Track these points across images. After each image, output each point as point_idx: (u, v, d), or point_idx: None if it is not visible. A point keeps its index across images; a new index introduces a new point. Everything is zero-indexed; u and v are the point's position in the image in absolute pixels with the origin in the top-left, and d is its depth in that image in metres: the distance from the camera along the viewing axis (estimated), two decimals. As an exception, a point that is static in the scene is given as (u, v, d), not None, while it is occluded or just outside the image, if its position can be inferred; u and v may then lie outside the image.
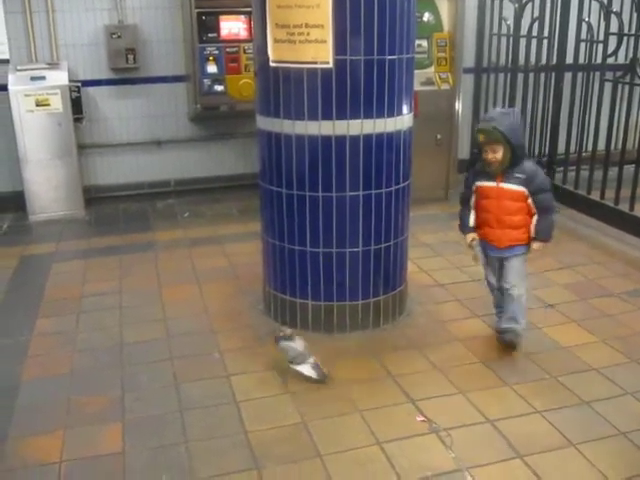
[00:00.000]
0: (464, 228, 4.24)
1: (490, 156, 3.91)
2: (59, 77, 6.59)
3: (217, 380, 3.95)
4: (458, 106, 7.11)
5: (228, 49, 6.82)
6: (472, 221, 4.19)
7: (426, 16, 6.93)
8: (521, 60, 7.26)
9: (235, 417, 3.60)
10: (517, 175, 3.97)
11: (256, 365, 4.09)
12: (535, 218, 4.04)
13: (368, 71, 3.97)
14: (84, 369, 4.11)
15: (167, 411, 3.66)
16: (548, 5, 6.77)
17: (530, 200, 4.00)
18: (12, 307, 4.96)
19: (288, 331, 4.01)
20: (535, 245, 4.08)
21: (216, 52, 6.79)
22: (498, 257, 4.20)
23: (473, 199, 4.16)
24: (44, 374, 4.07)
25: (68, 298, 5.05)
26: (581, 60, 6.61)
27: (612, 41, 6.15)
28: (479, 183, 4.10)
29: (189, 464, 3.24)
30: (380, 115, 4.08)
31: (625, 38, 6.32)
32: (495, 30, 7.64)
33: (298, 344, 3.96)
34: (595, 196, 6.24)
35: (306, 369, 3.91)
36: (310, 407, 3.66)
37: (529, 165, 4.04)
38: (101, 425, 3.56)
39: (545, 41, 6.91)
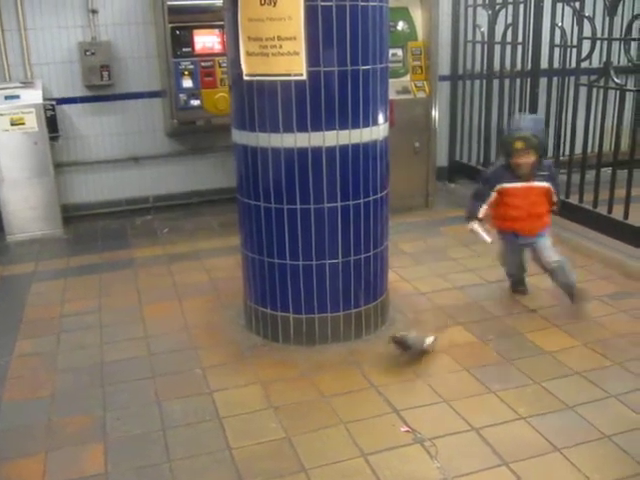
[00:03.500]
0: (471, 217, 4.76)
1: (523, 160, 4.53)
2: (33, 96, 6.54)
3: (200, 397, 3.92)
4: (435, 114, 7.13)
5: (203, 63, 6.79)
6: (482, 213, 4.73)
7: (400, 25, 6.94)
8: (496, 66, 7.30)
9: (219, 434, 3.57)
10: (541, 173, 4.64)
11: (239, 380, 4.07)
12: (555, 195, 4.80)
13: (342, 82, 3.97)
14: (65, 389, 4.07)
15: (150, 430, 3.62)
16: (521, 11, 6.80)
17: (554, 188, 4.76)
18: (-9, 329, 4.91)
19: (399, 334, 4.22)
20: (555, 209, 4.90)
21: (191, 67, 6.76)
22: (528, 243, 4.82)
23: (493, 197, 4.72)
24: (25, 396, 4.02)
25: (48, 318, 5.00)
26: (555, 65, 6.65)
27: (586, 45, 6.18)
28: (505, 185, 4.67)
29: (173, 483, 3.21)
30: (355, 125, 4.08)
31: (598, 42, 6.35)
32: (470, 37, 7.68)
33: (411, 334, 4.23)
34: (573, 200, 6.25)
35: (431, 339, 4.28)
36: (294, 421, 3.64)
37: (547, 163, 4.85)
38: (83, 446, 3.52)
39: (519, 47, 6.94)
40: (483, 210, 4.73)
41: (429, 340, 4.24)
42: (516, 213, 4.69)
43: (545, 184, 4.68)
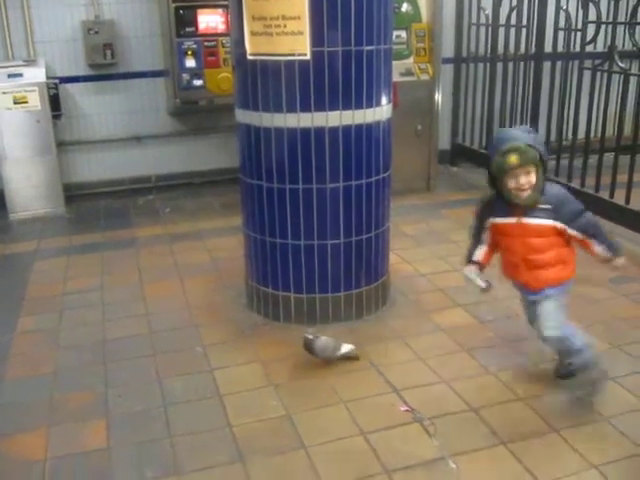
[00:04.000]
0: (466, 260, 3.67)
1: (524, 181, 3.25)
2: (36, 74, 6.55)
3: (200, 374, 3.95)
4: (438, 97, 7.12)
5: (206, 43, 6.79)
6: (479, 255, 3.61)
7: (404, 7, 6.92)
8: (500, 49, 7.28)
9: (219, 411, 3.59)
10: (541, 206, 3.34)
11: (239, 358, 4.09)
12: (594, 243, 3.40)
13: (346, 62, 3.97)
14: (67, 366, 4.10)
15: (151, 406, 3.65)
16: (526, -6, 6.79)
17: (571, 231, 3.38)
18: (-6, 306, 4.94)
19: (310, 331, 4.04)
20: (618, 262, 3.44)
21: (194, 46, 6.76)
22: (532, 302, 3.62)
23: (487, 235, 3.57)
24: (27, 372, 4.05)
25: (50, 296, 5.03)
26: (560, 48, 6.62)
27: (590, 29, 6.16)
28: (495, 220, 3.50)
29: (174, 459, 3.24)
30: (359, 106, 4.08)
31: (603, 26, 6.33)
32: (474, 20, 7.66)
33: (325, 337, 4.00)
34: (575, 184, 6.25)
35: (347, 347, 4.00)
36: (294, 399, 3.66)
37: (554, 191, 3.40)
38: (85, 422, 3.55)
39: (524, 30, 6.92)
40: (482, 252, 3.60)
41: (345, 349, 3.99)
42: (511, 259, 3.52)
43: (546, 222, 3.35)
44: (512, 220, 3.40)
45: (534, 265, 3.45)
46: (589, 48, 6.29)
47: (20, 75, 6.49)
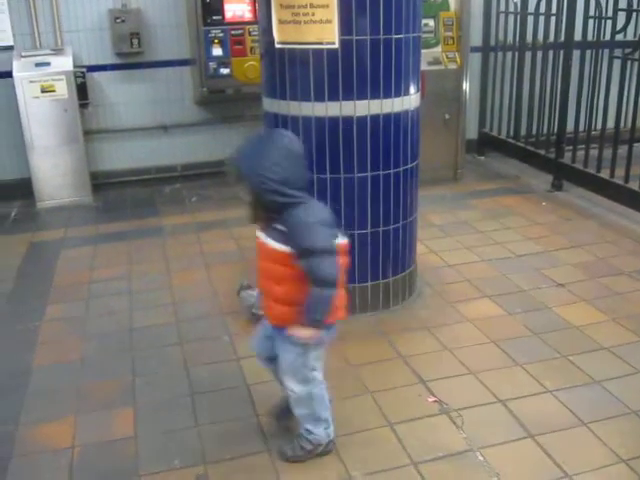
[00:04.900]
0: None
1: (245, 197, 2.76)
2: (64, 63, 6.56)
3: (227, 363, 3.95)
4: (465, 86, 7.06)
5: (233, 31, 6.77)
6: None
7: (433, -5, 6.88)
8: (529, 38, 7.20)
9: (246, 400, 3.60)
10: (277, 227, 2.75)
11: (266, 348, 4.09)
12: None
13: (374, 51, 3.93)
14: (94, 354, 4.12)
15: (178, 395, 3.67)
16: (555, -19, 6.71)
17: (298, 262, 2.73)
18: (22, 293, 4.97)
19: (246, 282, 4.22)
20: (291, 331, 2.84)
21: (221, 35, 6.74)
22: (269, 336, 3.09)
23: None
24: (55, 360, 4.07)
25: (77, 284, 5.06)
26: (589, 37, 6.54)
27: (621, 17, 6.08)
28: (257, 232, 2.93)
29: (201, 447, 3.24)
30: (387, 95, 4.05)
31: (634, 14, 6.25)
32: (502, 8, 7.56)
33: (253, 293, 4.08)
34: (605, 174, 6.19)
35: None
36: (320, 389, 3.66)
37: (296, 218, 2.70)
38: (112, 410, 3.57)
39: (553, 18, 6.84)
40: None
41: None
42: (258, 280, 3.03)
43: (279, 247, 2.75)
44: (260, 235, 2.88)
45: (269, 292, 2.91)
46: (619, 37, 6.21)
47: (48, 64, 6.51)
